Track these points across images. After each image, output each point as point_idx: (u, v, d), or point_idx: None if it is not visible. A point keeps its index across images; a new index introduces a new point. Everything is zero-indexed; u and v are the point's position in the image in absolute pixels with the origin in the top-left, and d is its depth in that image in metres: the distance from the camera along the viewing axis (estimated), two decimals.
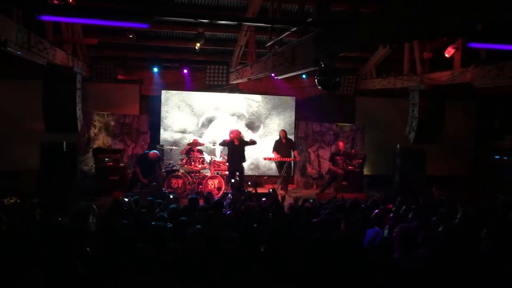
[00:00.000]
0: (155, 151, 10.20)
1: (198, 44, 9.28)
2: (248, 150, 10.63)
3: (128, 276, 3.65)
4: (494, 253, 3.96)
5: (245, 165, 10.61)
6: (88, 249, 3.99)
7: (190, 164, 10.36)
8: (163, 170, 10.39)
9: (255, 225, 5.09)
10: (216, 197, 8.98)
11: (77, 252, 3.86)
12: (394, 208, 6.20)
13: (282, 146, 11.05)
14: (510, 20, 3.01)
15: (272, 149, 11.14)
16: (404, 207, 6.03)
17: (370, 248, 4.60)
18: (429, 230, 4.54)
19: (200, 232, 4.43)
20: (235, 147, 10.21)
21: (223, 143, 10.42)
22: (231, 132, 10.39)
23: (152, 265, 3.86)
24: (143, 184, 9.81)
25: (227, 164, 10.42)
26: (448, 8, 3.10)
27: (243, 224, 5.04)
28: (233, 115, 12.06)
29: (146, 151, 10.41)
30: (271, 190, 8.33)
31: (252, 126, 12.14)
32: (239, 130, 10.58)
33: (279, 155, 10.89)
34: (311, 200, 7.42)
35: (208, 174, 10.52)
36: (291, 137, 11.92)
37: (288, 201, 7.66)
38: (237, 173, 10.30)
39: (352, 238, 4.67)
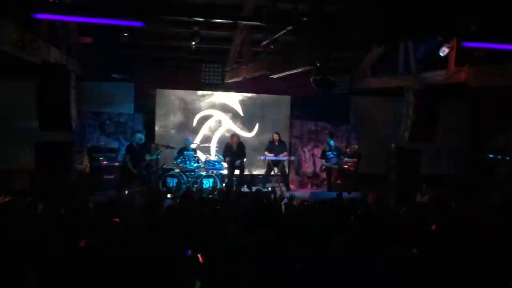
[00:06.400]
0: (139, 134, 10.23)
1: (193, 43, 9.26)
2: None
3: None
4: None
5: None
6: (82, 243, 3.99)
7: (185, 163, 10.35)
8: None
9: None
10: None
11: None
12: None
13: (274, 147, 11.11)
14: (504, 20, 3.03)
15: (264, 149, 11.21)
16: (404, 208, 6.07)
17: None
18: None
19: None
20: (235, 152, 10.35)
21: (225, 150, 10.48)
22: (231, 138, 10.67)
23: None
24: (135, 178, 9.79)
25: (227, 166, 10.53)
26: (442, 8, 3.11)
27: None
28: (228, 113, 12.06)
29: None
30: (270, 189, 8.40)
31: (247, 125, 12.13)
32: (234, 134, 10.68)
33: (272, 154, 10.97)
34: (305, 203, 7.43)
35: (203, 173, 10.51)
36: (287, 136, 11.96)
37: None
38: (236, 172, 10.42)
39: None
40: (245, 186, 10.18)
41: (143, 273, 3.51)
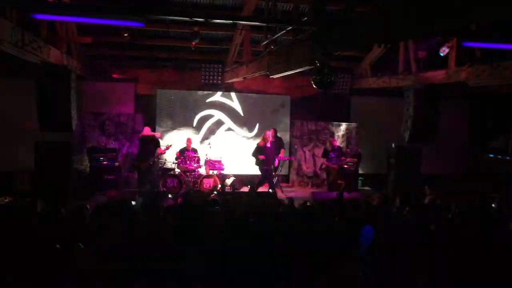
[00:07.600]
0: (146, 127, 10.56)
1: (193, 43, 9.27)
2: (243, 149, 10.61)
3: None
4: None
5: (239, 165, 10.66)
6: (81, 245, 3.99)
7: (185, 163, 10.34)
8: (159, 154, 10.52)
9: None
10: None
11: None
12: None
13: (267, 148, 10.46)
14: (504, 20, 3.03)
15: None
16: (407, 208, 6.05)
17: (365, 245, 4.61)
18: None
19: None
20: (270, 149, 10.22)
21: (258, 150, 10.26)
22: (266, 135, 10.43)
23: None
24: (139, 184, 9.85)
25: (264, 168, 10.25)
26: (442, 9, 3.11)
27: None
28: (228, 113, 12.05)
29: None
30: (271, 190, 8.40)
31: (247, 125, 12.13)
32: (273, 130, 10.64)
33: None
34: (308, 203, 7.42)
35: (204, 173, 10.50)
36: (287, 136, 11.94)
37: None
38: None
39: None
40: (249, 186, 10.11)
41: None
